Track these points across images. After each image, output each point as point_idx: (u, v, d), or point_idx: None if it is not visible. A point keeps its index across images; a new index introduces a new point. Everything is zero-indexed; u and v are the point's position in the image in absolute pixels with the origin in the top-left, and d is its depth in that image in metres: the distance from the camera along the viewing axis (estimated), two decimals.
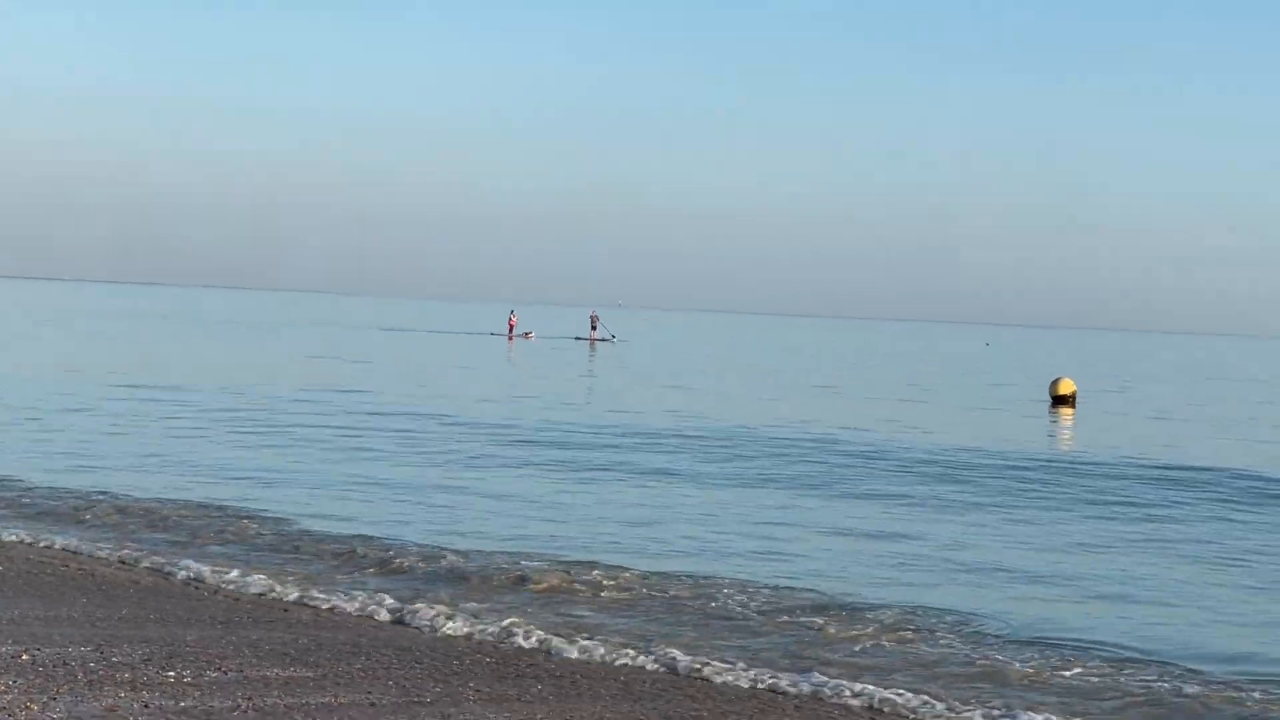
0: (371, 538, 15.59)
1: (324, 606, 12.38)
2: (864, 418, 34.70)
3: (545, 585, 13.50)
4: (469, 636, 11.46)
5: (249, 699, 8.97)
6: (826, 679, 10.33)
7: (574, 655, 10.91)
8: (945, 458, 25.42)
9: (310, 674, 9.76)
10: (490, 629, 11.60)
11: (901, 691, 10.05)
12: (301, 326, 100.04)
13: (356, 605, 12.35)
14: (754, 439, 27.68)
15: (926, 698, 9.94)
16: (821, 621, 12.30)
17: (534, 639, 11.28)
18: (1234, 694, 10.37)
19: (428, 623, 11.80)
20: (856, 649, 11.46)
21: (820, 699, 9.96)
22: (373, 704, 9.09)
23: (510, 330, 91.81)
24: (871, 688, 10.11)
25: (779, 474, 22.69)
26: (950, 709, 9.72)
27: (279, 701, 8.98)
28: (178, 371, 42.89)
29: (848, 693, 10.02)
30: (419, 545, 15.25)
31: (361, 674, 9.85)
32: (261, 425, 27.31)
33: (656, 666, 10.63)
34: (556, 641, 11.22)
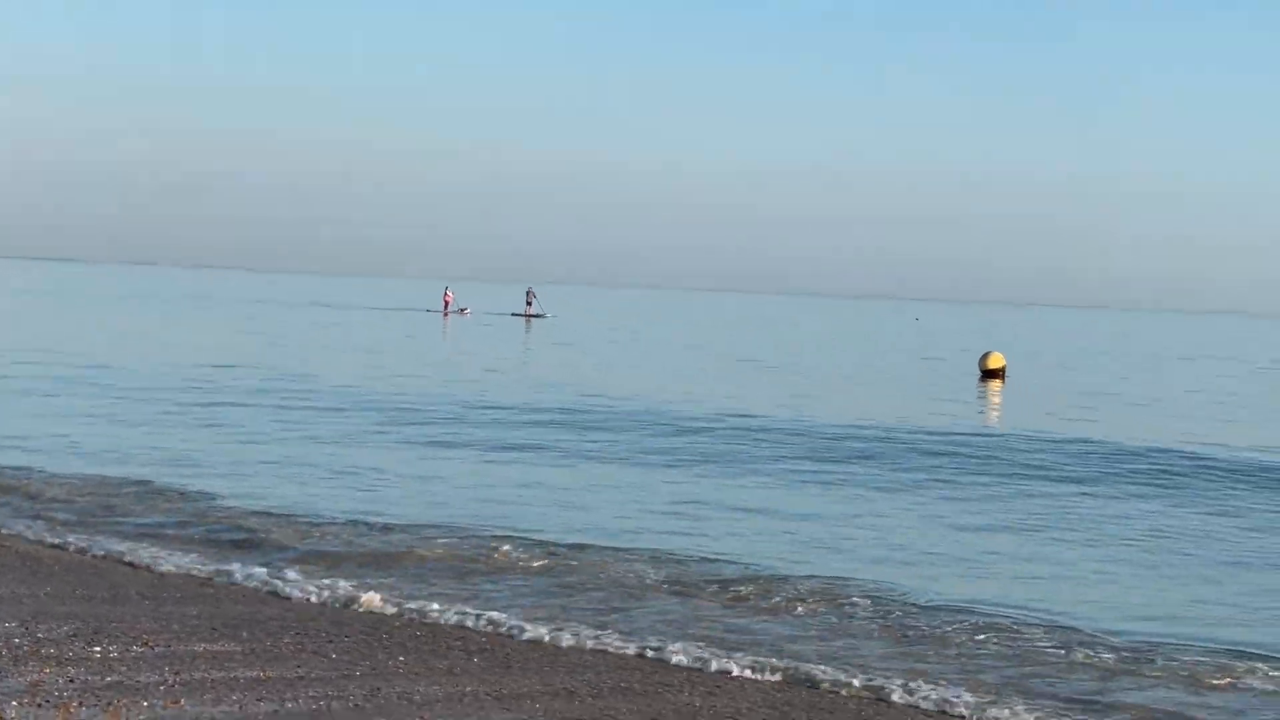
0: (292, 515, 15.54)
1: (248, 583, 12.33)
2: (794, 394, 34.88)
3: (464, 560, 13.52)
4: (397, 611, 11.45)
5: (176, 673, 8.98)
6: (746, 653, 10.46)
7: (502, 630, 10.95)
8: (872, 434, 25.52)
9: (238, 648, 9.77)
10: (413, 604, 11.59)
11: (799, 664, 10.16)
12: (232, 303, 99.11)
13: (281, 581, 12.32)
14: (681, 416, 27.60)
15: (824, 667, 10.09)
16: (740, 593, 12.44)
17: (459, 614, 11.32)
18: (1136, 659, 10.64)
19: (351, 597, 11.78)
20: (765, 620, 11.62)
21: (728, 673, 9.99)
22: (301, 677, 9.12)
23: (446, 307, 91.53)
24: (784, 661, 10.24)
25: (706, 451, 22.70)
26: (843, 678, 9.85)
27: (206, 676, 8.99)
28: (102, 348, 42.39)
29: (766, 668, 10.09)
30: (342, 522, 15.22)
31: (290, 648, 9.87)
32: (181, 403, 27.03)
33: (580, 641, 10.69)
34: (484, 615, 11.27)
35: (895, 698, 9.47)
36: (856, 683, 9.75)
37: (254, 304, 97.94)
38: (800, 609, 11.97)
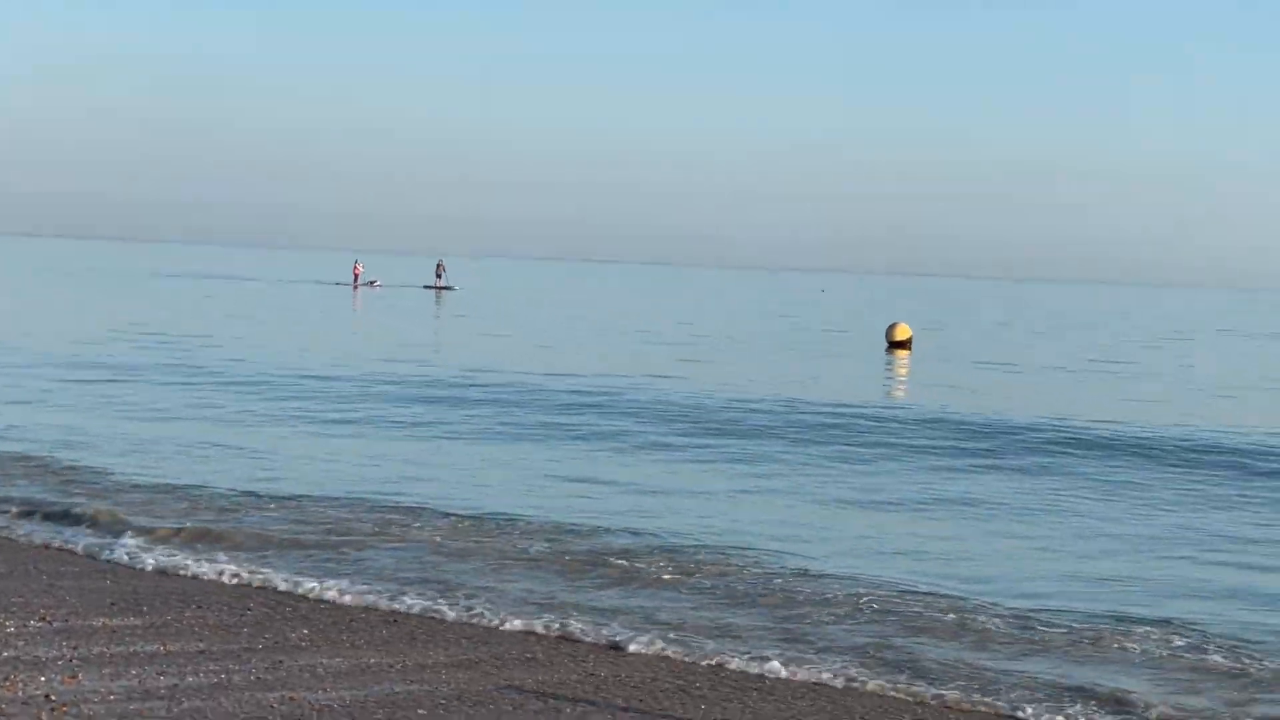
0: (187, 488, 15.40)
1: (143, 557, 12.12)
2: (700, 368, 34.87)
3: (363, 533, 13.45)
4: (297, 586, 11.33)
5: (74, 648, 8.94)
6: (645, 624, 10.63)
7: (403, 603, 10.93)
8: (772, 407, 25.47)
9: (138, 622, 9.74)
10: (311, 579, 11.50)
11: (694, 635, 10.29)
12: (136, 276, 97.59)
13: (180, 555, 12.21)
14: (579, 389, 27.36)
15: (716, 638, 10.25)
16: (634, 565, 12.45)
17: (358, 587, 11.29)
18: (1023, 625, 10.87)
19: (251, 571, 11.69)
20: (661, 591, 11.71)
21: (627, 645, 10.01)
22: (202, 651, 9.11)
23: (355, 279, 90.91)
24: (680, 632, 10.36)
25: (601, 425, 22.54)
26: (740, 647, 9.98)
27: (105, 650, 8.96)
28: None
29: (664, 639, 10.15)
30: (239, 494, 15.15)
31: (191, 623, 9.85)
32: (77, 379, 26.54)
33: (481, 613, 10.74)
34: (384, 589, 11.28)
35: (784, 673, 9.50)
36: (745, 652, 9.87)
37: (155, 276, 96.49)
38: (693, 581, 11.99)
